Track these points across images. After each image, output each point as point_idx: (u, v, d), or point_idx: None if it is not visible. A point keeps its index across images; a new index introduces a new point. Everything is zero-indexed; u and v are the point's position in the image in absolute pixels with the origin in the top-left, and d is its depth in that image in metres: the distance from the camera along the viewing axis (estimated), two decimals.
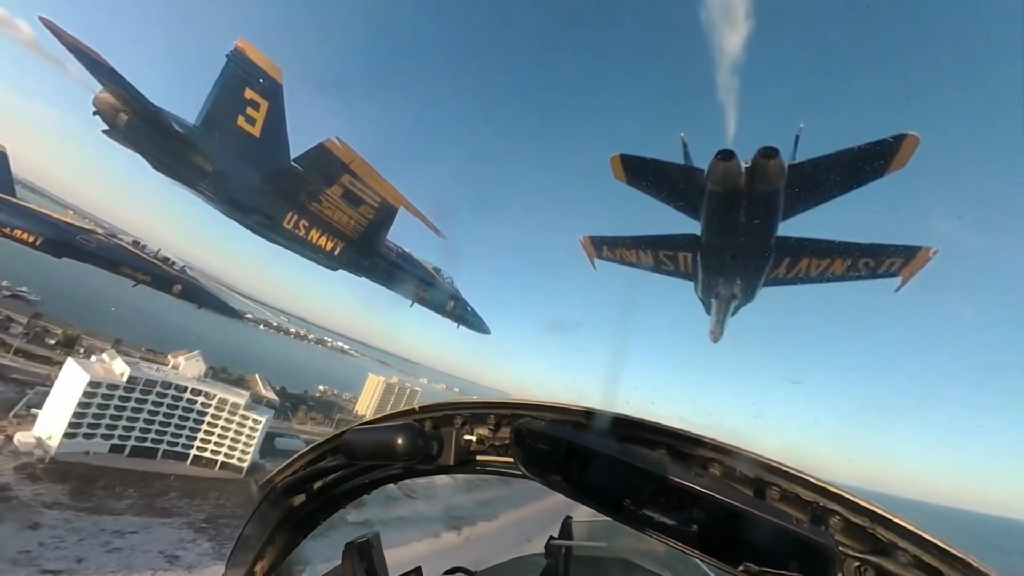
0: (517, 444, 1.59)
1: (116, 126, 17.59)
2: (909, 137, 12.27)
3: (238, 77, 18.35)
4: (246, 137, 19.35)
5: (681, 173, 14.52)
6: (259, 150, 19.77)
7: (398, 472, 2.05)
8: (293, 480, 2.11)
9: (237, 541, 2.16)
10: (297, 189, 20.64)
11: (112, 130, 17.87)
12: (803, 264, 16.57)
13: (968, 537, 9.20)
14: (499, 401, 1.86)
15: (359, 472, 2.09)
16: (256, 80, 18.70)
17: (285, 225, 21.40)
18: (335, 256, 23.31)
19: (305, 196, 20.85)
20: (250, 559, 2.12)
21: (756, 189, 13.26)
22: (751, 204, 13.73)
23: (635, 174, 15.16)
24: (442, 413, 1.91)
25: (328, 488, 2.15)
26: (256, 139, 19.60)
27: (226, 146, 19.09)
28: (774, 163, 12.69)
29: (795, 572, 1.10)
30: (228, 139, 19.01)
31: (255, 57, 18.35)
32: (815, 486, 1.26)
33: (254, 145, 19.62)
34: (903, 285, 16.17)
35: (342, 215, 21.77)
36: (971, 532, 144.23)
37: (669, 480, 1.24)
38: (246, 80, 18.50)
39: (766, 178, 12.96)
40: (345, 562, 2.38)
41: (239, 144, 19.31)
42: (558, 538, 3.36)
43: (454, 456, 1.81)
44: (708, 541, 1.21)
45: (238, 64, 18.17)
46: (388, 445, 1.70)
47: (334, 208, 21.42)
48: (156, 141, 18.26)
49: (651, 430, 1.48)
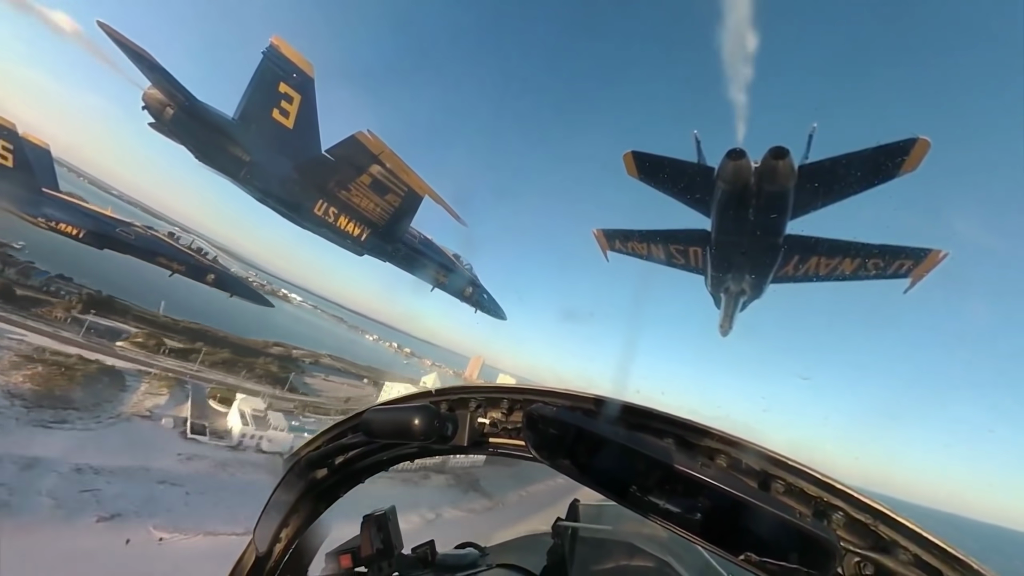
0: (528, 428, 1.58)
1: (162, 120, 18.01)
2: (920, 141, 11.97)
3: (272, 72, 18.52)
4: (280, 129, 19.59)
5: (692, 171, 14.36)
6: (292, 141, 20.00)
7: (414, 451, 2.03)
8: (316, 455, 2.12)
9: (264, 509, 2.19)
10: (328, 178, 20.88)
11: (159, 123, 18.30)
12: (812, 263, 16.36)
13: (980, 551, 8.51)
14: (512, 386, 1.85)
15: (378, 449, 2.09)
16: (290, 75, 18.85)
17: (316, 212, 21.69)
18: (362, 242, 23.61)
19: (335, 185, 21.08)
20: (276, 526, 2.15)
21: (765, 188, 13.04)
22: (760, 203, 13.52)
23: (647, 171, 15.01)
24: (457, 396, 1.91)
25: (348, 463, 2.16)
26: (290, 131, 19.84)
27: (262, 138, 19.37)
28: (784, 163, 12.46)
29: (795, 564, 1.09)
30: (264, 131, 19.29)
31: (288, 53, 18.46)
32: (820, 481, 1.25)
33: (288, 136, 19.86)
34: (912, 287, 15.89)
35: (370, 203, 21.99)
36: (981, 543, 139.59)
37: (675, 469, 1.23)
38: (280, 75, 18.66)
39: (775, 178, 12.72)
40: (363, 532, 2.46)
41: (274, 136, 19.56)
42: (565, 519, 3.39)
43: (468, 437, 1.81)
44: (711, 529, 1.20)
45: (272, 60, 18.33)
46: (405, 425, 1.73)
47: (362, 196, 21.64)
48: (199, 134, 18.62)
49: (659, 419, 1.47)
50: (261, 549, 2.09)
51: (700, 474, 1.19)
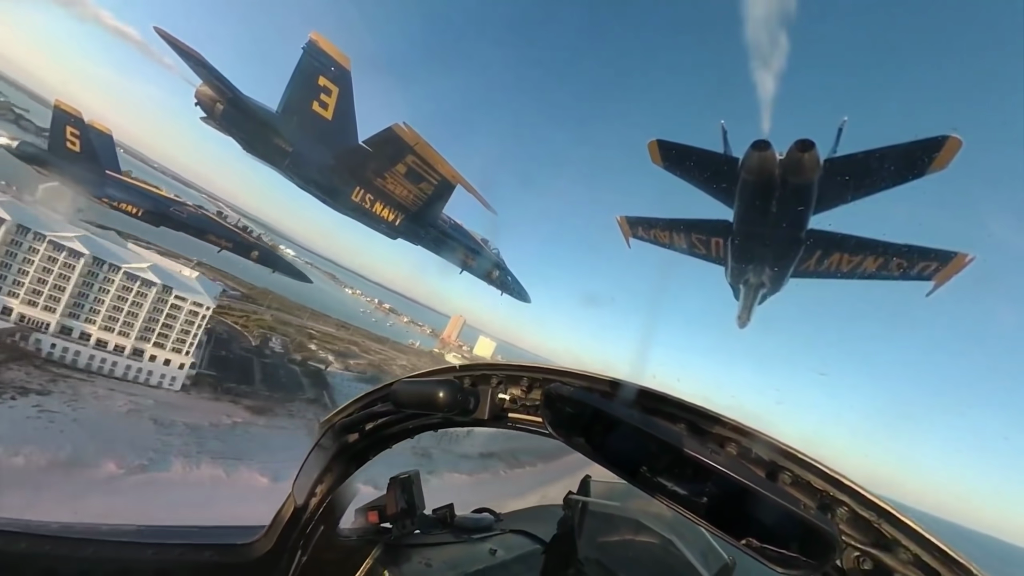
0: (546, 406, 1.58)
1: (213, 114, 18.98)
2: (952, 139, 11.31)
3: (312, 66, 18.92)
4: (320, 120, 20.07)
5: (716, 161, 13.95)
6: (331, 132, 20.48)
7: (438, 421, 2.06)
8: (348, 421, 2.19)
9: (302, 467, 2.26)
10: (365, 167, 21.40)
11: (209, 117, 19.21)
12: (833, 259, 15.76)
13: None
14: (533, 365, 1.85)
15: (404, 418, 2.14)
16: (328, 69, 19.20)
17: (353, 198, 22.36)
18: (395, 227, 24.21)
19: (371, 173, 21.59)
20: (312, 482, 2.23)
21: (789, 181, 12.61)
22: (783, 196, 13.11)
23: (671, 160, 14.66)
24: (480, 372, 1.93)
25: (378, 430, 2.21)
26: (329, 122, 20.29)
27: (303, 129, 19.95)
28: (809, 156, 12.01)
29: (795, 552, 1.08)
30: (304, 123, 19.83)
31: (327, 48, 18.80)
32: (827, 476, 1.24)
33: (327, 127, 20.33)
34: (935, 290, 15.18)
35: (404, 191, 22.43)
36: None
37: (685, 453, 1.22)
38: (319, 69, 19.05)
39: (800, 171, 12.28)
40: (389, 493, 2.60)
41: (314, 127, 20.08)
42: (576, 493, 3.42)
43: (488, 412, 1.83)
44: (715, 513, 1.20)
45: (312, 55, 18.70)
46: (430, 397, 1.76)
47: (397, 184, 22.09)
48: (245, 127, 19.46)
49: (673, 405, 1.47)
50: (299, 501, 2.23)
51: (709, 460, 1.19)
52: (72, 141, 33.62)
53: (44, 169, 34.32)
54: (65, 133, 33.42)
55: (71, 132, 33.56)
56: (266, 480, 40.51)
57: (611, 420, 1.40)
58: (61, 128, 33.37)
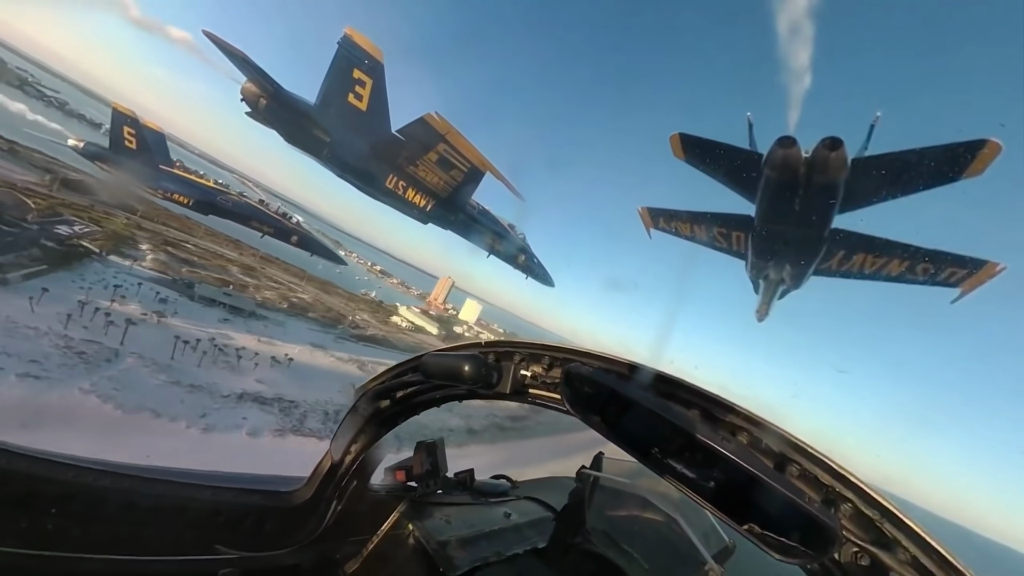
0: (566, 384, 1.61)
1: (257, 109, 19.69)
2: (990, 144, 10.48)
3: (347, 60, 19.24)
4: (355, 111, 20.41)
5: (739, 156, 13.38)
6: (366, 122, 20.82)
7: (463, 393, 2.12)
8: (381, 388, 2.28)
9: (339, 426, 2.40)
10: (398, 156, 21.77)
11: (254, 112, 19.95)
12: (857, 259, 14.96)
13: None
14: (554, 345, 1.88)
15: (432, 388, 2.20)
16: (362, 62, 19.46)
17: (387, 185, 22.78)
18: (426, 212, 24.53)
19: (404, 161, 21.95)
20: (347, 441, 2.36)
21: (815, 180, 11.93)
22: (808, 194, 12.47)
23: (694, 153, 14.03)
24: (504, 349, 1.97)
25: (407, 398, 2.30)
26: (363, 112, 20.60)
27: (340, 120, 20.36)
28: (836, 155, 11.30)
29: (795, 542, 1.10)
30: (341, 114, 20.23)
31: (361, 42, 19.05)
32: (835, 472, 1.23)
33: (362, 118, 20.66)
34: (961, 297, 14.29)
35: (435, 178, 22.74)
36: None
37: (697, 438, 1.23)
38: (354, 62, 19.35)
39: (826, 170, 11.57)
40: (416, 455, 2.74)
41: (350, 118, 20.44)
42: (588, 468, 3.47)
43: (510, 386, 1.86)
44: (721, 498, 1.22)
45: (347, 49, 19.01)
46: (456, 370, 1.80)
47: (428, 172, 22.41)
48: (287, 120, 20.05)
49: (689, 391, 1.47)
50: (335, 458, 2.38)
51: (720, 447, 1.20)
52: (129, 139, 35.94)
53: (107, 165, 36.85)
54: (123, 132, 35.80)
55: (128, 131, 35.88)
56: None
57: (627, 401, 1.42)
58: (119, 128, 35.77)
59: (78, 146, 37.20)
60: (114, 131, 35.88)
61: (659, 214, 18.73)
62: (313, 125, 20.11)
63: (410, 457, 2.76)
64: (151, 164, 36.80)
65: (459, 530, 2.66)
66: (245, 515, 2.25)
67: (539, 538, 3.02)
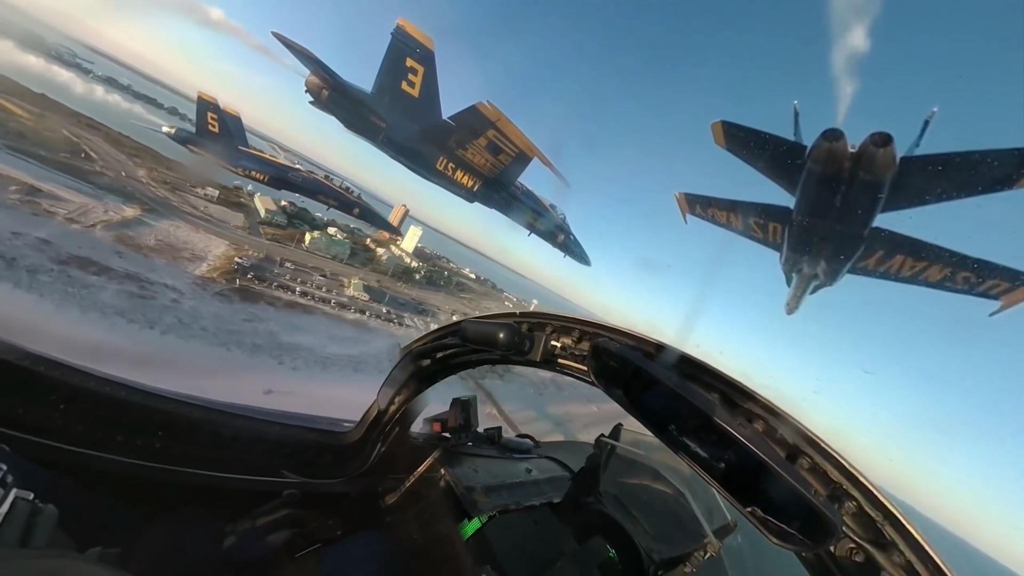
0: (593, 357, 1.62)
1: (319, 100, 20.64)
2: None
3: (400, 50, 19.61)
4: (408, 98, 20.89)
5: (781, 146, 12.57)
6: (418, 108, 21.27)
7: (496, 358, 2.15)
8: (424, 348, 2.37)
9: (385, 379, 2.54)
10: (449, 140, 22.14)
11: (316, 102, 20.90)
12: (895, 261, 13.76)
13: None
14: (585, 319, 1.88)
15: (468, 352, 2.27)
16: (414, 51, 19.76)
17: (437, 167, 23.30)
18: (473, 192, 24.94)
19: (455, 145, 22.29)
20: (391, 394, 2.50)
21: (859, 176, 10.99)
22: (851, 190, 11.52)
23: (735, 142, 13.32)
24: (537, 320, 1.99)
25: (446, 359, 2.37)
26: (416, 99, 21.03)
27: (394, 107, 20.95)
28: (884, 152, 10.39)
29: (794, 530, 1.10)
30: (395, 101, 20.79)
31: (413, 32, 19.33)
32: (844, 469, 1.21)
33: (415, 104, 21.12)
34: (1000, 311, 13.03)
35: (484, 161, 22.98)
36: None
37: (714, 421, 1.22)
38: (406, 51, 19.69)
39: (872, 167, 10.66)
40: (451, 410, 2.83)
41: (403, 104, 20.96)
42: (607, 437, 3.49)
43: (541, 355, 1.89)
44: (729, 479, 1.22)
45: (400, 39, 19.35)
46: (492, 336, 1.84)
47: (478, 155, 22.67)
48: (347, 109, 20.86)
49: (711, 374, 1.46)
50: (381, 407, 2.55)
51: (735, 431, 1.19)
52: (212, 123, 38.51)
53: (194, 148, 39.60)
54: (207, 117, 38.33)
55: (211, 116, 38.39)
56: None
57: (650, 379, 1.41)
58: (204, 113, 38.27)
59: (170, 132, 40.44)
60: (199, 116, 38.52)
61: (696, 200, 17.88)
62: (370, 112, 20.79)
63: (446, 411, 2.88)
64: (231, 145, 39.42)
65: (484, 479, 2.78)
66: (306, 448, 2.53)
67: (555, 494, 3.12)
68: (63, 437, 1.84)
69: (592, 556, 2.57)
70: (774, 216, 15.35)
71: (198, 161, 40.15)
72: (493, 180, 24.20)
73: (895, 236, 13.43)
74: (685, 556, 2.70)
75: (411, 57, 19.85)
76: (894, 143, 10.52)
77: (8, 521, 0.91)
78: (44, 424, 1.83)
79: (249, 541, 2.03)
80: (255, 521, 2.11)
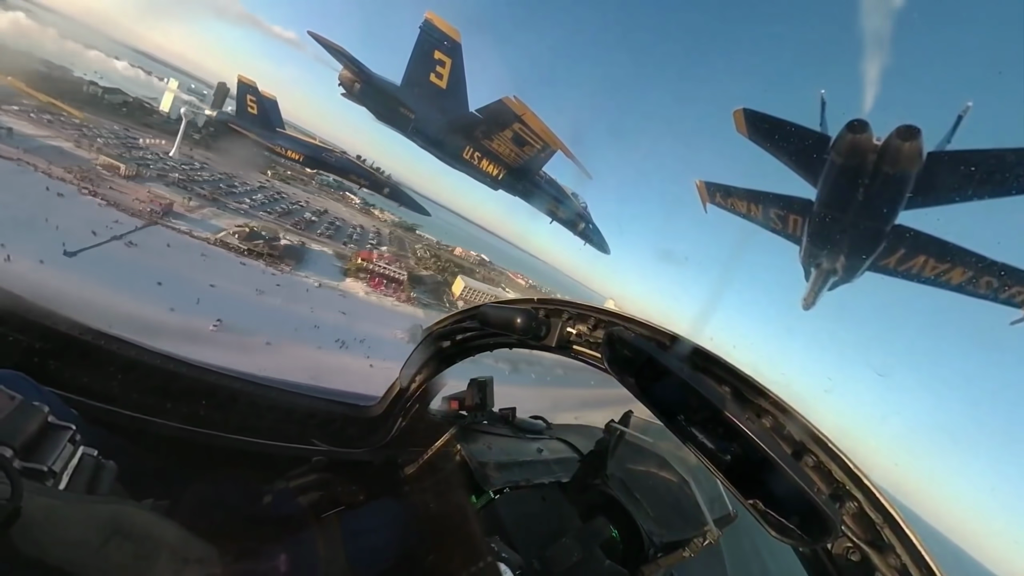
0: (607, 345, 1.60)
1: (352, 92, 21.08)
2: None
3: (428, 43, 19.55)
4: (436, 90, 20.89)
5: (805, 137, 11.86)
6: (446, 99, 21.25)
7: (513, 342, 2.13)
8: (444, 331, 2.40)
9: (408, 359, 2.58)
10: (476, 131, 22.16)
11: (348, 94, 21.29)
12: (917, 261, 13.02)
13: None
14: (600, 308, 1.86)
15: (487, 335, 2.27)
16: (442, 44, 19.67)
17: (464, 156, 23.38)
18: (498, 180, 24.95)
19: (481, 136, 22.29)
20: (413, 373, 2.55)
21: (884, 170, 10.33)
22: (874, 185, 10.82)
23: (757, 130, 12.69)
24: (554, 306, 1.97)
25: (465, 341, 2.39)
26: (444, 90, 21.00)
27: (423, 98, 21.04)
28: (910, 146, 9.76)
29: (793, 525, 1.09)
30: (424, 93, 20.85)
31: (440, 25, 19.22)
32: (848, 470, 1.19)
33: (442, 95, 21.11)
34: (1022, 320, 12.18)
35: (509, 152, 22.92)
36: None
37: (723, 414, 1.20)
38: (434, 44, 19.62)
39: (897, 161, 10.00)
40: (468, 390, 2.84)
41: (432, 96, 21.00)
42: (617, 423, 3.47)
43: (556, 341, 1.87)
44: (734, 471, 1.20)
45: (428, 32, 19.28)
46: (509, 320, 1.84)
47: (503, 146, 22.62)
48: (377, 101, 21.20)
49: (723, 368, 1.44)
50: (403, 384, 2.63)
51: (743, 425, 1.17)
52: (251, 106, 39.26)
53: (235, 126, 40.74)
54: (246, 100, 39.05)
55: (250, 99, 39.09)
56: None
57: (662, 369, 1.39)
58: (244, 96, 39.02)
59: (212, 115, 42.23)
60: (239, 99, 39.44)
61: (716, 189, 17.07)
62: (399, 104, 20.99)
63: (464, 391, 2.91)
64: (269, 126, 40.34)
65: (497, 456, 2.83)
66: (333, 419, 2.68)
67: (564, 474, 3.16)
68: (121, 403, 2.03)
69: (595, 535, 2.61)
70: (795, 208, 14.52)
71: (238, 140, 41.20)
72: (517, 170, 24.17)
73: (919, 235, 12.60)
74: (684, 541, 2.71)
75: (439, 50, 19.77)
76: (921, 137, 9.87)
77: (78, 472, 1.05)
78: (106, 392, 2.02)
79: (281, 500, 2.20)
80: (288, 483, 2.28)
